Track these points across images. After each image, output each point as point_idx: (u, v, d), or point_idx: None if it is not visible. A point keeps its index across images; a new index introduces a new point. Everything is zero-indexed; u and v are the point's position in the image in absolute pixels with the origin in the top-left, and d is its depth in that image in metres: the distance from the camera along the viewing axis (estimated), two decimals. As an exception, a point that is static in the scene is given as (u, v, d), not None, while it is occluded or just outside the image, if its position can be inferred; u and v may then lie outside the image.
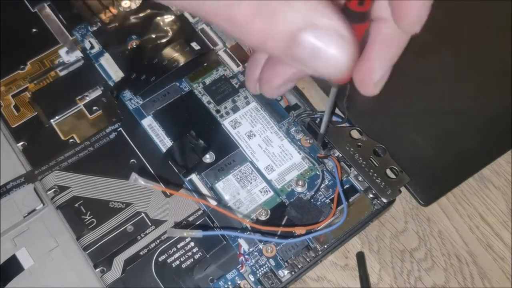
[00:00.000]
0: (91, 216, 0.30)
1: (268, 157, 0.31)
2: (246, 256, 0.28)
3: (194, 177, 0.31)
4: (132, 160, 0.31)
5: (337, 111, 0.34)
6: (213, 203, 0.30)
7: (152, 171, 0.31)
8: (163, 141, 0.32)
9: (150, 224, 0.29)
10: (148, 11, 0.36)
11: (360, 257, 0.30)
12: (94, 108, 0.33)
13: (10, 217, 0.30)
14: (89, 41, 0.35)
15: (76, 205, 0.30)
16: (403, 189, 0.31)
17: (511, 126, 0.32)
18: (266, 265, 0.28)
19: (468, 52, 0.35)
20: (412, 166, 0.30)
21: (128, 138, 0.32)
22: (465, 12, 0.36)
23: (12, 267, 0.28)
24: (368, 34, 0.21)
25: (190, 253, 0.29)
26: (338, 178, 0.30)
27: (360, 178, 0.30)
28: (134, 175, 0.27)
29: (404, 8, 0.20)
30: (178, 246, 0.29)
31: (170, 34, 0.35)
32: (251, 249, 0.29)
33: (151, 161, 0.31)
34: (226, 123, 0.32)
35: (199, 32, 0.36)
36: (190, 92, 0.34)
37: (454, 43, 0.35)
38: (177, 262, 0.28)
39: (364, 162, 0.30)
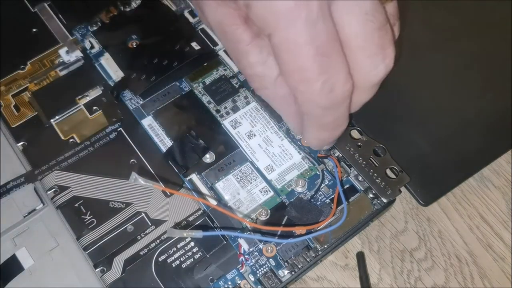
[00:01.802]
0: (91, 216, 0.30)
1: (268, 157, 0.31)
2: (246, 256, 0.28)
3: (194, 177, 0.31)
4: (132, 160, 0.31)
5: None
6: (213, 203, 0.30)
7: (152, 171, 0.31)
8: (163, 141, 0.32)
9: (150, 224, 0.29)
10: (148, 11, 0.36)
11: (360, 257, 0.30)
12: (94, 108, 0.33)
13: (10, 217, 0.30)
14: (89, 41, 0.35)
15: (76, 205, 0.30)
16: (403, 189, 0.31)
17: (511, 126, 0.32)
18: (266, 265, 0.28)
19: (468, 52, 0.35)
20: (412, 166, 0.30)
21: (128, 138, 0.32)
22: (465, 12, 0.36)
23: (12, 267, 0.28)
24: None
25: (190, 253, 0.29)
26: (338, 178, 0.30)
27: (360, 178, 0.30)
28: (134, 175, 0.27)
29: None
30: (178, 246, 0.29)
31: (170, 34, 0.35)
32: (251, 249, 0.29)
33: (151, 161, 0.31)
34: (226, 123, 0.32)
35: (199, 32, 0.36)
36: (190, 92, 0.34)
37: (454, 43, 0.35)
38: (177, 262, 0.28)
39: (364, 162, 0.30)
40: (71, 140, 0.32)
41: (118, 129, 0.32)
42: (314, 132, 0.27)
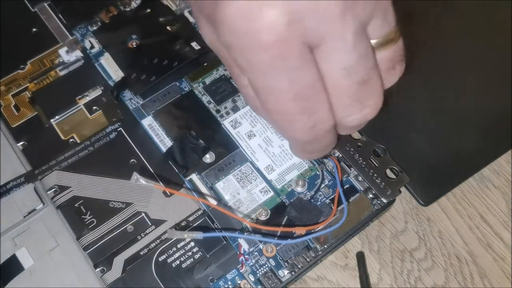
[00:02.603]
0: (91, 216, 0.30)
1: (268, 157, 0.31)
2: (246, 256, 0.28)
3: (194, 177, 0.31)
4: (132, 160, 0.31)
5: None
6: (213, 203, 0.30)
7: (152, 171, 0.31)
8: (163, 141, 0.32)
9: (150, 224, 0.29)
10: (148, 11, 0.36)
11: (360, 257, 0.30)
12: (94, 108, 0.33)
13: (10, 217, 0.30)
14: (89, 41, 0.35)
15: (76, 205, 0.30)
16: (403, 189, 0.31)
17: (511, 126, 0.32)
18: (266, 265, 0.28)
19: (468, 52, 0.35)
20: (412, 166, 0.30)
21: (128, 138, 0.32)
22: (465, 12, 0.36)
23: (12, 267, 0.28)
24: None
25: (190, 253, 0.29)
26: (338, 178, 0.30)
27: (360, 178, 0.30)
28: (135, 175, 0.27)
29: None
30: (178, 246, 0.29)
31: (170, 34, 0.35)
32: (251, 249, 0.29)
33: (151, 161, 0.31)
34: (226, 123, 0.32)
35: (199, 32, 0.36)
36: (190, 92, 0.34)
37: (454, 43, 0.35)
38: (177, 262, 0.28)
39: (364, 162, 0.30)
40: (71, 140, 0.32)
41: (118, 129, 0.32)
42: (299, 153, 0.28)
